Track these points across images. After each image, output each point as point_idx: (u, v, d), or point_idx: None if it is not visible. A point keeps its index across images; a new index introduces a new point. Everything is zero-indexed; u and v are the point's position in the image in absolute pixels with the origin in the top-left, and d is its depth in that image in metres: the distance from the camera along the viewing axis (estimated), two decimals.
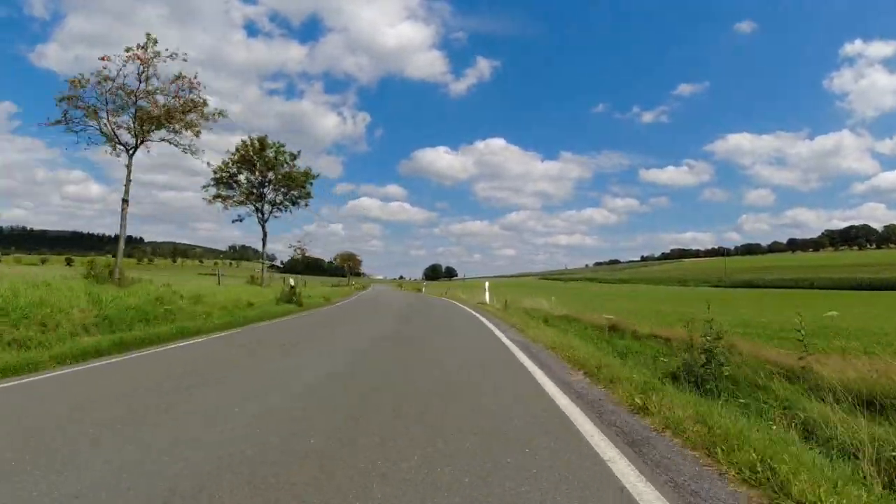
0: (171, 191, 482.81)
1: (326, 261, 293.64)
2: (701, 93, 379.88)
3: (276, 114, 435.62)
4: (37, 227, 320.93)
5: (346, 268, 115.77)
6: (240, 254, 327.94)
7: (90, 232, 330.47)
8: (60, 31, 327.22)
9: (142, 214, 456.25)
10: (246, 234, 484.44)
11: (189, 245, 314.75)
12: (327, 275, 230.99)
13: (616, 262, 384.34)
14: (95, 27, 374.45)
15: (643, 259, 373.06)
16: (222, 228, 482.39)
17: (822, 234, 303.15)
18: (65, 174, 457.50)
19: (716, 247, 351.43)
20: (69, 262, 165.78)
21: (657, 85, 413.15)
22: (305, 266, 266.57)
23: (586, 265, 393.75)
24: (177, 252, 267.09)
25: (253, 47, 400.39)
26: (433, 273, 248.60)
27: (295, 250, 50.33)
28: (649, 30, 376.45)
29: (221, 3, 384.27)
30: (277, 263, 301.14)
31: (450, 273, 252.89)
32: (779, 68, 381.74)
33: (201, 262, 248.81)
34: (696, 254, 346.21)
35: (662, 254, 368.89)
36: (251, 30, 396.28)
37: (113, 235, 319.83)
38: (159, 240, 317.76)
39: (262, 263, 34.66)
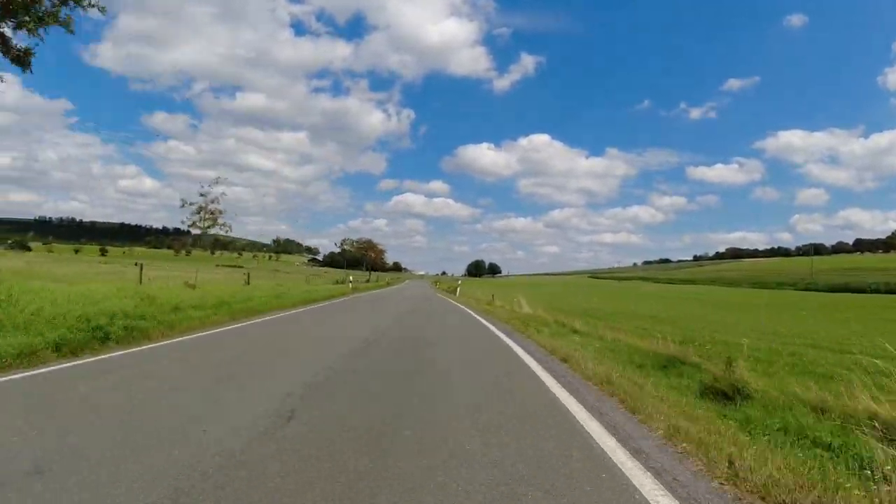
0: (220, 186, 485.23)
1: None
2: (750, 88, 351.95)
3: (321, 111, 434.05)
4: (86, 219, 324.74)
5: (367, 259, 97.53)
6: (283, 247, 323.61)
7: (138, 224, 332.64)
8: (112, 30, 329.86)
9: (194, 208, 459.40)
10: (293, 229, 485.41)
11: (235, 238, 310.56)
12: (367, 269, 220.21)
13: (667, 261, 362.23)
14: (146, 25, 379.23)
15: (696, 258, 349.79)
16: (268, 223, 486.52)
17: (894, 233, 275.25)
18: (119, 169, 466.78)
19: (773, 247, 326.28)
20: (103, 252, 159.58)
21: (704, 80, 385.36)
22: (347, 260, 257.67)
23: (634, 263, 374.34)
24: (217, 244, 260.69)
25: (299, 45, 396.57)
26: (476, 269, 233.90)
27: (198, 212, 27.82)
28: (695, 24, 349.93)
29: (268, 1, 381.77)
30: (319, 257, 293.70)
31: (493, 270, 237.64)
32: (831, 63, 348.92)
33: (240, 254, 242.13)
34: (754, 253, 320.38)
35: (717, 253, 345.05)
36: (297, 28, 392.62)
37: (161, 227, 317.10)
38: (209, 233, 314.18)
39: None
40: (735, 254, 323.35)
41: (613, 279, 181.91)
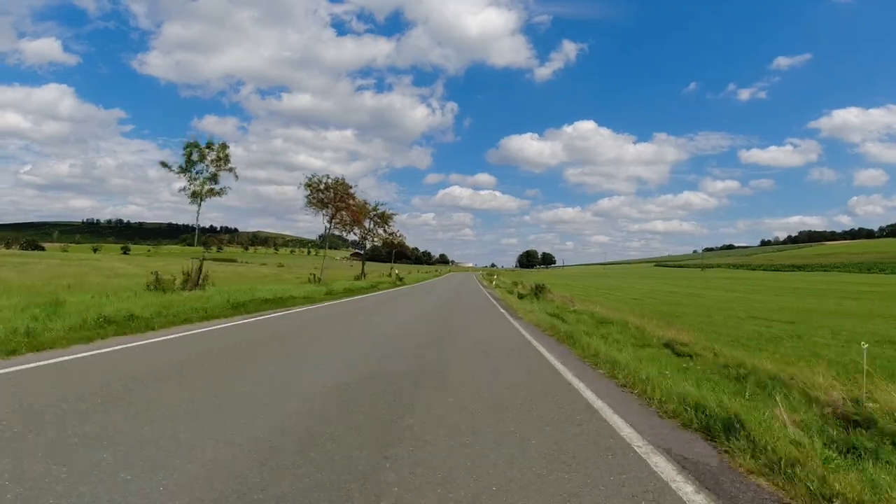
0: (272, 185, 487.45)
1: (411, 247, 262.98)
2: (800, 66, 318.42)
3: (366, 108, 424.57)
4: (133, 221, 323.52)
5: (345, 223, 34.62)
6: (329, 242, 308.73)
7: (185, 223, 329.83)
8: (159, 38, 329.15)
9: (244, 207, 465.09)
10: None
11: (277, 234, 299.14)
12: (411, 262, 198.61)
13: (730, 247, 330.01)
14: (192, 33, 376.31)
15: (764, 243, 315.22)
16: (318, 220, 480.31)
17: None
18: (174, 173, 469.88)
19: (854, 228, 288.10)
20: (125, 251, 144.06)
21: (752, 60, 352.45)
22: (388, 252, 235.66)
23: (694, 251, 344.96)
24: (257, 240, 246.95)
25: (342, 45, 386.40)
26: (528, 260, 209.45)
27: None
28: (739, 2, 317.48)
29: (310, 2, 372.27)
30: (361, 251, 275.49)
31: (547, 260, 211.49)
32: (882, 36, 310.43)
33: (276, 250, 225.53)
34: (832, 236, 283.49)
35: (789, 237, 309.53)
36: (339, 27, 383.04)
37: (209, 227, 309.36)
38: (253, 230, 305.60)
39: None
40: (811, 237, 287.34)
41: (689, 267, 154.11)
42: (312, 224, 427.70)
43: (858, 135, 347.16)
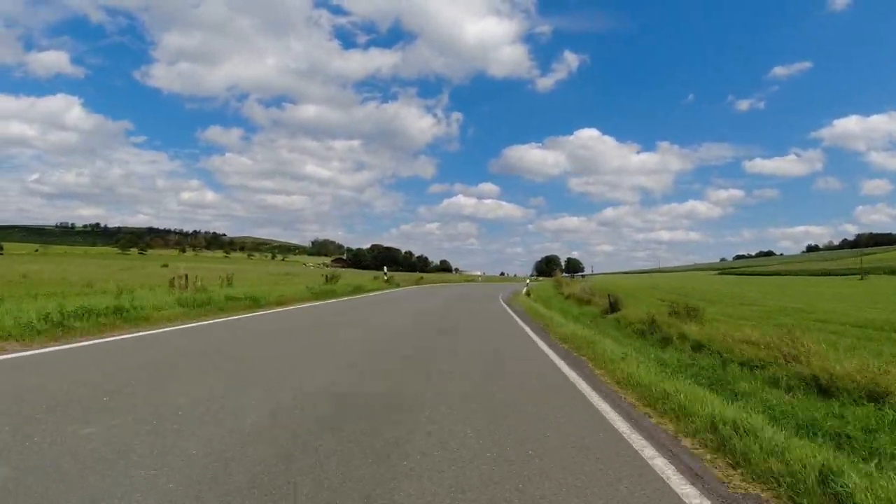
0: (280, 195, 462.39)
1: (402, 251, 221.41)
2: (799, 75, 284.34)
3: (372, 119, 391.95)
4: (111, 225, 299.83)
5: None
6: (318, 248, 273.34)
7: (165, 227, 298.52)
8: (162, 49, 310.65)
9: (252, 217, 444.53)
10: (350, 235, 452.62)
11: (270, 241, 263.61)
12: (404, 268, 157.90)
13: (769, 253, 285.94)
14: (193, 42, 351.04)
15: (811, 249, 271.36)
16: (324, 229, 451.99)
17: None
18: (184, 183, 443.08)
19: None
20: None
21: (749, 70, 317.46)
22: (374, 257, 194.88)
23: (722, 259, 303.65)
24: (215, 242, 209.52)
25: (346, 56, 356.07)
26: (547, 267, 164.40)
27: None
28: (735, 11, 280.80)
29: (311, 11, 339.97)
30: (343, 257, 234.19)
31: (573, 268, 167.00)
32: (882, 42, 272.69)
33: (227, 254, 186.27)
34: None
35: (845, 240, 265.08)
36: (343, 38, 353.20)
37: (191, 231, 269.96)
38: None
39: None
40: (876, 240, 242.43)
41: (770, 274, 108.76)
42: (316, 233, 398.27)
43: (863, 143, 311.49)
